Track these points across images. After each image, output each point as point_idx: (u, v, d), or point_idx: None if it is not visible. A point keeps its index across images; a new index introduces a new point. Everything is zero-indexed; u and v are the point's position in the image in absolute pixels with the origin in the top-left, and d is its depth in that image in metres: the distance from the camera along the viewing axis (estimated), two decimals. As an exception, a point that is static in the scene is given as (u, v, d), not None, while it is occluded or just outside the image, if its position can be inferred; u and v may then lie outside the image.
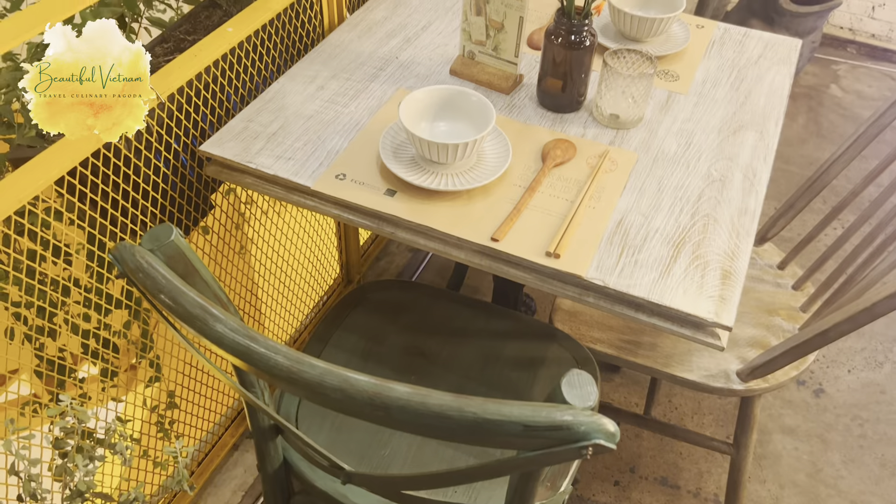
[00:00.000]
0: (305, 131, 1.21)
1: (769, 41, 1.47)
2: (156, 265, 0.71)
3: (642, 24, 1.37)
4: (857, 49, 3.15)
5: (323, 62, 1.37)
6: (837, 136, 2.69)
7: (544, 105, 1.29)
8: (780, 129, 1.27)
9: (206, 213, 1.32)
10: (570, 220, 1.07)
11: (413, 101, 1.15)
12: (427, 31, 1.47)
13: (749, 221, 1.09)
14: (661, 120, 1.27)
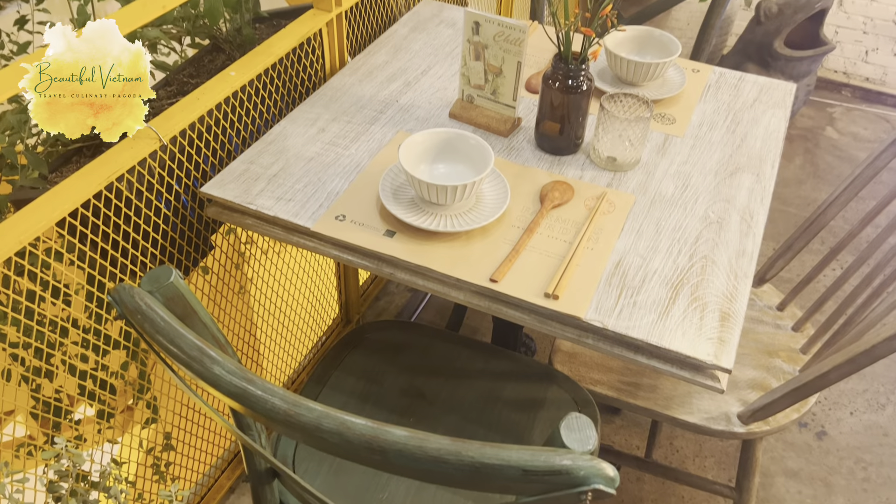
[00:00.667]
0: (306, 173, 1.22)
1: (764, 85, 1.49)
2: (154, 307, 0.71)
3: (638, 69, 1.39)
4: (852, 92, 3.19)
5: (324, 105, 1.39)
6: (834, 177, 2.71)
7: (542, 148, 1.30)
8: (776, 171, 1.28)
9: (206, 253, 1.33)
10: (569, 261, 1.07)
11: (413, 143, 1.17)
12: (427, 75, 1.49)
13: (747, 263, 1.10)
14: (658, 162, 1.28)
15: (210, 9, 1.36)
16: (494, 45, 1.28)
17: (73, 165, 1.21)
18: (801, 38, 2.62)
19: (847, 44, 3.11)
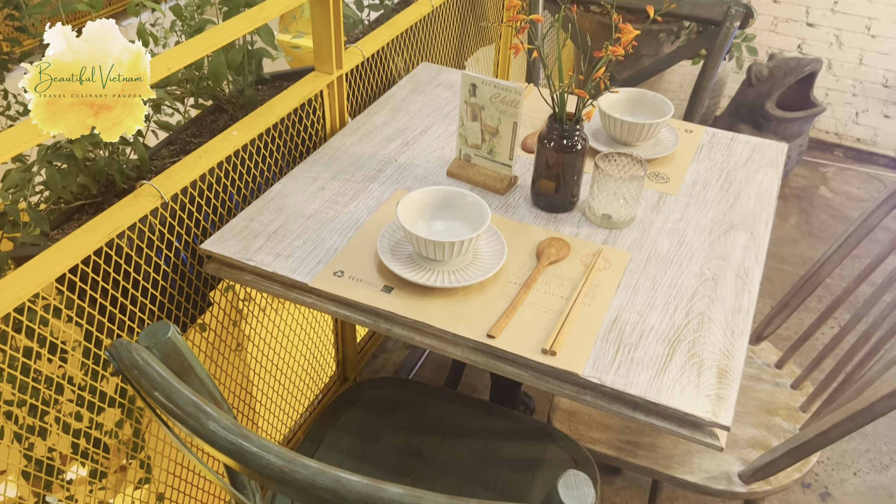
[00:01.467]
0: (305, 230, 1.24)
1: (756, 145, 1.52)
2: (151, 362, 0.72)
3: (632, 129, 1.42)
4: (844, 152, 3.25)
5: (324, 164, 1.41)
6: (829, 235, 2.74)
7: (538, 205, 1.32)
8: (770, 229, 1.29)
9: (204, 310, 1.33)
10: (566, 317, 1.07)
11: (411, 200, 1.18)
12: (425, 135, 1.52)
13: (743, 320, 1.10)
14: (653, 220, 1.29)
15: (213, 71, 1.40)
16: (491, 107, 1.31)
17: (74, 222, 1.22)
18: (793, 100, 2.68)
19: (837, 105, 3.18)
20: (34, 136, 0.88)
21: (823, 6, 3.02)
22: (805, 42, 3.12)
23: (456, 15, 2.03)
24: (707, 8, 1.82)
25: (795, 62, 2.64)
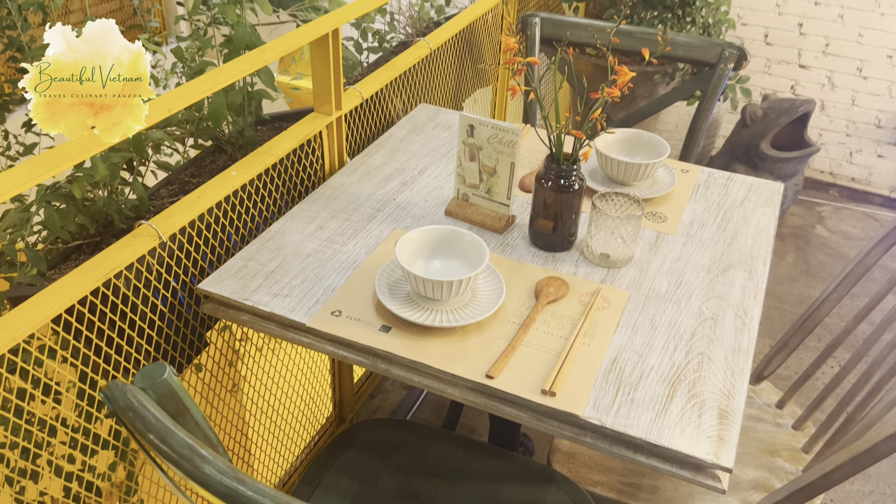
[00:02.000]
0: (303, 269, 1.24)
1: (752, 184, 1.53)
2: (146, 404, 0.71)
3: (629, 170, 1.43)
4: (839, 192, 3.27)
5: (323, 203, 1.41)
6: (826, 274, 2.74)
7: (536, 244, 1.32)
8: (768, 268, 1.29)
9: (200, 350, 1.32)
10: (565, 357, 1.07)
11: (409, 240, 1.18)
12: (423, 174, 1.53)
13: (743, 360, 1.09)
14: (651, 259, 1.29)
15: (213, 112, 1.41)
16: (489, 147, 1.32)
17: (72, 262, 1.22)
18: (787, 140, 2.71)
19: (831, 145, 3.21)
20: (34, 176, 0.89)
21: (815, 49, 3.07)
22: (798, 83, 3.16)
23: (454, 57, 2.06)
24: (701, 50, 1.84)
25: (789, 103, 2.68)
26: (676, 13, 2.23)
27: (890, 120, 3.07)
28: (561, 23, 1.98)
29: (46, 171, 0.89)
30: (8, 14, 2.01)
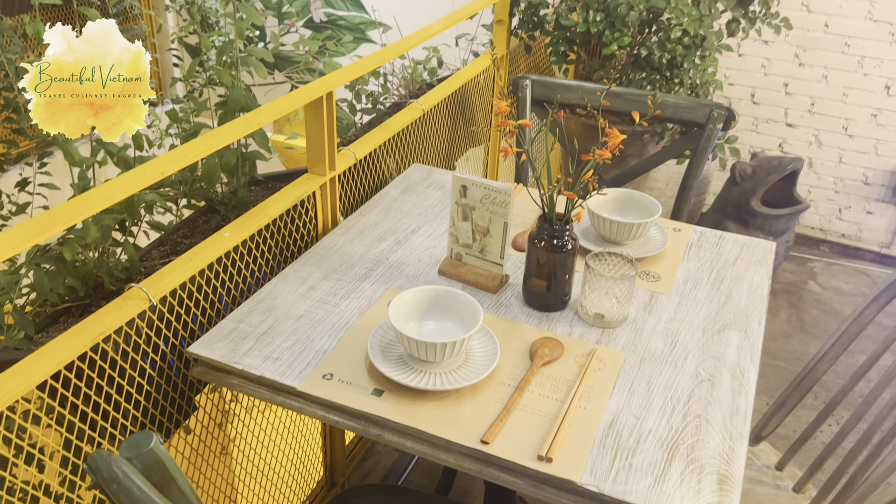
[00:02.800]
0: (295, 331, 1.22)
1: (745, 243, 1.54)
2: (132, 475, 0.69)
3: (621, 229, 1.43)
4: (830, 248, 3.29)
5: (315, 263, 1.41)
6: (821, 330, 2.73)
7: (530, 304, 1.31)
8: (763, 328, 1.29)
9: (188, 414, 1.29)
10: (561, 421, 1.05)
11: (402, 300, 1.17)
12: (416, 234, 1.53)
13: (741, 422, 1.08)
14: (646, 319, 1.29)
15: (207, 173, 1.42)
16: (482, 207, 1.33)
17: (60, 325, 1.21)
18: (777, 197, 2.73)
19: (821, 202, 3.25)
20: (26, 240, 0.88)
21: (801, 108, 3.13)
22: (786, 142, 3.21)
23: (446, 118, 2.09)
24: (690, 111, 1.87)
25: (777, 161, 2.71)
26: (665, 74, 2.27)
27: (877, 177, 3.11)
28: (551, 85, 2.02)
29: (38, 235, 0.89)
30: (5, 76, 2.03)
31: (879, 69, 2.95)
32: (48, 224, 0.90)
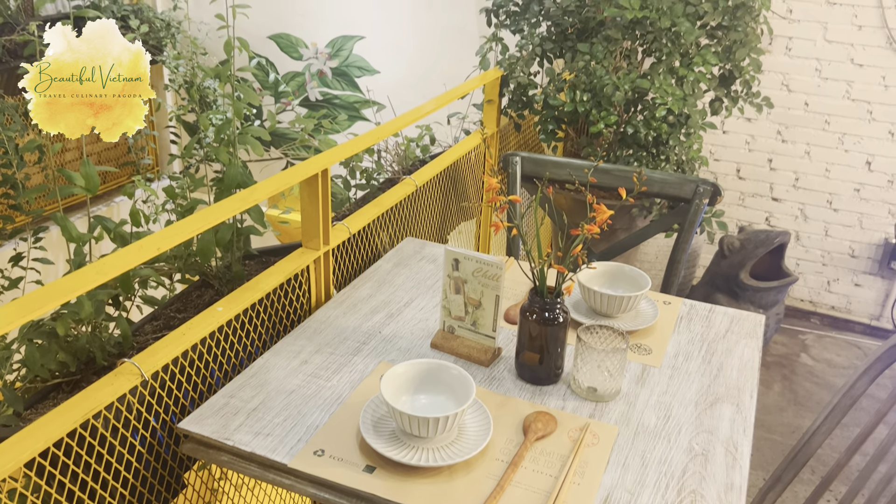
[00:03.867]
0: (286, 406, 1.21)
1: (734, 316, 1.55)
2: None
3: (612, 302, 1.45)
4: (821, 320, 3.31)
5: (308, 337, 1.41)
6: (814, 403, 2.72)
7: (523, 377, 1.31)
8: (755, 401, 1.29)
9: (177, 492, 1.27)
10: (556, 497, 1.03)
11: (394, 374, 1.17)
12: (409, 307, 1.54)
13: (737, 498, 1.07)
14: (639, 393, 1.29)
15: (202, 248, 1.43)
16: (473, 280, 1.34)
17: (50, 401, 1.20)
18: (766, 270, 2.76)
19: (809, 274, 3.28)
20: (20, 316, 0.89)
21: (786, 182, 3.20)
22: (772, 215, 3.27)
23: (439, 193, 2.13)
24: (676, 187, 1.92)
25: (765, 234, 2.76)
26: (651, 151, 2.33)
27: (863, 250, 3.16)
28: (540, 161, 2.07)
29: (34, 310, 0.89)
30: (5, 153, 2.07)
31: (860, 146, 3.03)
32: (44, 299, 0.91)
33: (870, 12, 2.86)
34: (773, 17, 2.88)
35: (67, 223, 1.23)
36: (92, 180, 1.22)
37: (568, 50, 2.39)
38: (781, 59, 3.04)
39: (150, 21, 3.34)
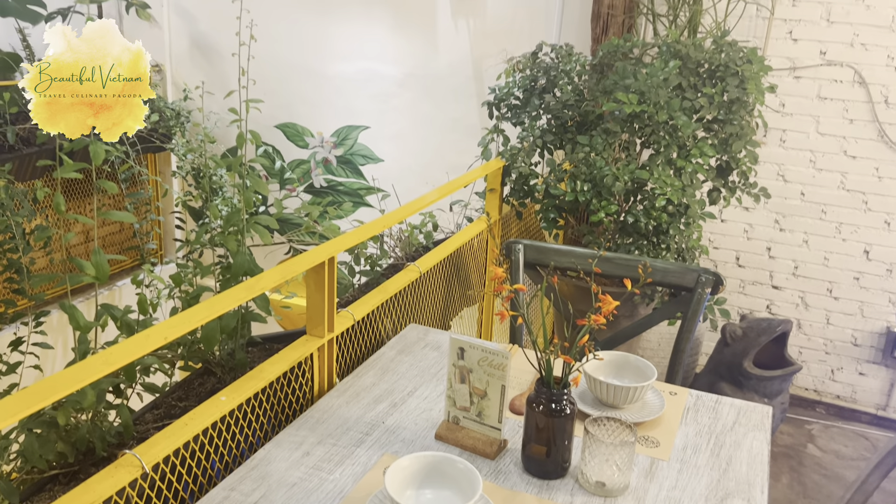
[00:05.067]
0: (287, 500, 1.19)
1: (741, 407, 1.53)
2: None
3: (618, 393, 1.43)
4: (826, 409, 3.26)
5: (310, 428, 1.39)
6: (824, 496, 2.65)
7: (530, 471, 1.29)
8: (766, 496, 1.26)
9: (171, 591, 1.22)
10: None
11: (399, 468, 1.15)
12: (413, 396, 1.52)
13: None
14: (648, 488, 1.26)
15: (207, 335, 1.43)
16: (479, 369, 1.34)
17: (46, 493, 1.17)
18: (769, 358, 2.75)
19: (812, 363, 3.26)
20: (22, 408, 0.88)
21: (786, 270, 3.22)
22: (773, 303, 3.27)
23: (442, 279, 2.14)
24: (678, 276, 1.93)
25: (767, 323, 2.75)
26: (652, 240, 2.36)
27: (865, 339, 3.15)
28: (543, 249, 2.09)
29: (38, 402, 0.89)
30: (11, 238, 2.09)
31: (857, 235, 3.07)
32: (50, 391, 0.91)
33: (860, 106, 2.95)
34: (766, 111, 2.96)
35: (76, 312, 1.23)
36: (102, 269, 1.23)
37: (568, 142, 2.45)
38: (777, 151, 3.11)
39: (161, 110, 3.44)
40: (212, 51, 3.96)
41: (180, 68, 4.03)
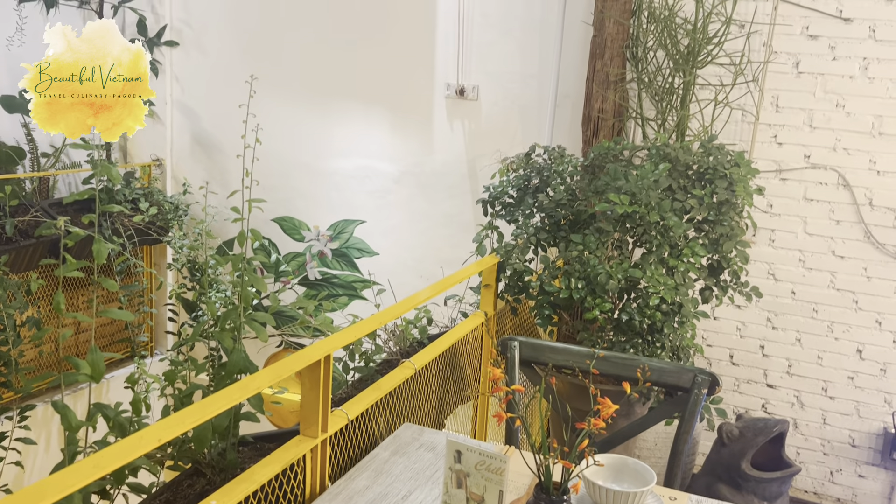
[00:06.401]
0: None
1: (743, 514, 1.50)
2: None
3: (618, 498, 1.40)
4: (827, 513, 3.18)
5: (301, 533, 1.34)
6: None
7: (528, 583, 1.24)
8: None
9: None
10: None
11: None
12: (408, 500, 1.48)
13: None
14: None
15: (198, 435, 1.40)
16: (476, 474, 1.31)
17: None
18: (766, 459, 2.70)
19: (811, 464, 3.20)
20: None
21: (780, 369, 3.21)
22: (768, 402, 3.25)
23: (437, 376, 2.12)
24: (674, 375, 1.92)
25: (763, 423, 2.72)
26: (646, 338, 2.36)
27: (863, 440, 3.11)
28: (538, 347, 2.08)
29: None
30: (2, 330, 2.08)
31: (849, 334, 3.08)
32: (38, 497, 0.88)
33: (845, 208, 3.02)
34: (755, 211, 3.03)
35: (68, 412, 1.21)
36: (98, 368, 1.22)
37: (561, 240, 2.49)
38: (766, 250, 3.16)
39: (160, 204, 3.49)
40: (213, 147, 4.05)
41: (181, 163, 4.12)
